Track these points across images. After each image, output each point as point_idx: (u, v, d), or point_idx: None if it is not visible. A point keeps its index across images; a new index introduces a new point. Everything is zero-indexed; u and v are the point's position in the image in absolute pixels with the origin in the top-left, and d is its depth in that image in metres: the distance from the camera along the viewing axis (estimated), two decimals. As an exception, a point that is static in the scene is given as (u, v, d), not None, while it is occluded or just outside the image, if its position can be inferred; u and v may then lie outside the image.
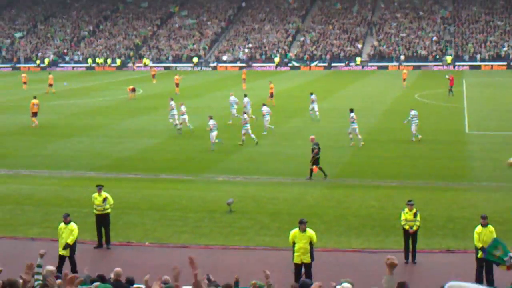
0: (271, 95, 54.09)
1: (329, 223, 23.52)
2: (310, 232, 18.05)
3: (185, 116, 41.44)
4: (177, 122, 41.71)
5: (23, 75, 71.56)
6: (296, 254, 17.99)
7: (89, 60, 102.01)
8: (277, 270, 19.53)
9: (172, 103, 42.96)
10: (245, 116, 38.65)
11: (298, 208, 25.26)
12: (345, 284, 12.68)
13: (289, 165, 32.81)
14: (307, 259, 17.94)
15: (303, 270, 18.06)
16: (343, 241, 21.83)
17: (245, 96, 46.71)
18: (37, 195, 27.99)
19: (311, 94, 47.18)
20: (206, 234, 22.84)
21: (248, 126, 37.75)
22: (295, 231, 18.14)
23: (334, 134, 40.69)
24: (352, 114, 37.31)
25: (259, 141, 37.71)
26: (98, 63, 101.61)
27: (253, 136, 37.65)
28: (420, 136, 37.96)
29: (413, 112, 38.56)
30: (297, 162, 33.31)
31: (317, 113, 46.18)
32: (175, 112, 42.33)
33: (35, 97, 46.35)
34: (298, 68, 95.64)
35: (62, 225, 19.57)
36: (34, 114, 44.97)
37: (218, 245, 21.75)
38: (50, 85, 64.92)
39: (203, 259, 20.48)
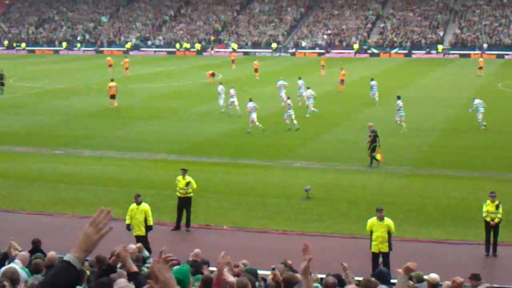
0: (342, 82, 53.84)
1: (408, 213, 23.32)
2: (388, 221, 17.97)
3: (234, 99, 42.08)
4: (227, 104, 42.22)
5: (108, 58, 73.07)
6: (373, 243, 17.95)
7: (177, 45, 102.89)
8: (355, 258, 19.54)
9: (221, 87, 44.74)
10: (289, 101, 38.80)
11: (377, 196, 25.09)
12: (433, 275, 12.64)
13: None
14: (385, 248, 17.88)
15: (380, 259, 18.00)
16: (422, 232, 21.62)
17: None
18: (119, 176, 28.70)
19: (372, 80, 48.26)
20: (283, 219, 23.00)
21: (292, 112, 37.84)
22: (372, 220, 18.09)
23: (415, 122, 40.09)
24: (398, 102, 37.30)
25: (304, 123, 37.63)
26: (178, 48, 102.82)
27: (295, 122, 37.82)
28: (484, 124, 37.23)
29: (476, 101, 38.16)
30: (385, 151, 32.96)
31: (376, 98, 46.85)
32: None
33: (112, 80, 47.67)
34: (377, 55, 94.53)
35: (133, 205, 20.01)
36: (112, 97, 46.26)
37: (295, 231, 21.87)
38: (126, 68, 66.53)
39: (280, 245, 20.70)
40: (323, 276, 14.55)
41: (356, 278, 14.22)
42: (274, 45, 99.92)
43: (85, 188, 26.92)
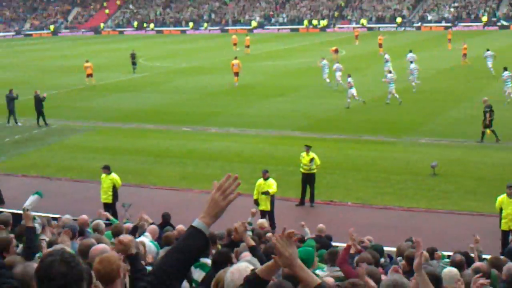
0: (464, 56, 52.24)
1: (539, 190, 22.48)
2: (519, 198, 17.44)
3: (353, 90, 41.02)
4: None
5: (233, 36, 74.05)
6: (503, 220, 17.51)
7: (305, 22, 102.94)
8: (483, 236, 19.05)
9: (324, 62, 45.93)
10: (350, 79, 38.24)
11: (507, 173, 24.31)
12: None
13: (497, 129, 31.48)
14: (515, 226, 17.39)
15: (511, 237, 17.52)
16: (555, 210, 20.80)
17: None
18: (245, 152, 29.21)
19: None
20: (408, 196, 22.75)
21: (354, 90, 37.59)
22: (502, 197, 17.62)
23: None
24: (505, 73, 37.26)
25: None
26: (307, 25, 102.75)
27: (357, 98, 37.62)
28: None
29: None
30: (505, 125, 31.94)
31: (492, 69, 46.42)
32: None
33: (235, 58, 48.50)
34: (507, 27, 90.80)
35: (261, 181, 20.34)
36: (236, 74, 47.06)
37: (420, 208, 21.61)
38: (247, 46, 67.28)
39: (405, 222, 20.53)
40: (450, 253, 14.37)
41: (484, 256, 13.97)
42: (398, 19, 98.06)
43: (211, 164, 27.61)
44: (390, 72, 40.07)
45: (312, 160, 22.18)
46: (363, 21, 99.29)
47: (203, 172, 26.61)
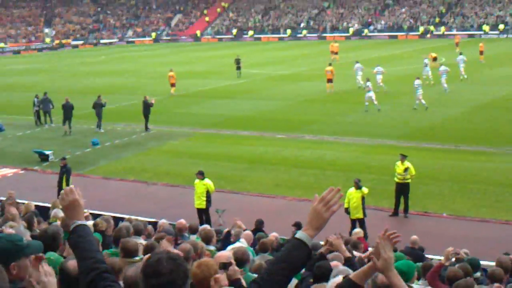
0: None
1: None
2: None
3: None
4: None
5: (332, 44, 73.67)
6: None
7: (404, 26, 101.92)
8: None
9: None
10: (368, 83, 39.76)
11: None
12: None
13: None
14: None
15: None
16: None
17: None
18: (339, 161, 29.07)
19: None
20: (506, 209, 22.07)
21: (372, 93, 39.14)
22: None
23: None
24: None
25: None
26: (402, 31, 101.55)
27: (376, 103, 38.98)
28: None
29: None
30: None
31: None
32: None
33: (330, 64, 48.49)
34: None
35: (352, 190, 20.27)
36: (329, 81, 47.18)
37: (518, 221, 20.94)
38: (335, 53, 66.88)
39: (501, 235, 19.92)
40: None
41: None
42: (501, 26, 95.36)
43: (305, 171, 27.61)
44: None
45: (407, 169, 21.86)
46: (485, 28, 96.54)
47: (296, 180, 26.65)
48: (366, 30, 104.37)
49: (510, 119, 35.66)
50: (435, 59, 57.78)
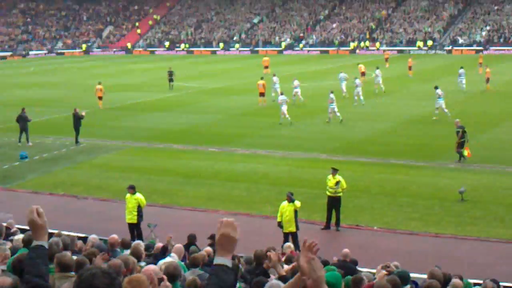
0: (487, 80, 51.71)
1: None
2: (548, 226, 17.17)
3: (298, 90, 46.35)
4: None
5: (265, 58, 73.90)
6: (532, 248, 17.21)
7: (335, 42, 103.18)
8: (511, 263, 18.85)
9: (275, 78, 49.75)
10: (332, 95, 40.31)
11: (537, 200, 24.01)
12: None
13: None
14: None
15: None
16: None
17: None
18: (271, 174, 29.14)
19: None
20: (436, 222, 22.48)
21: (334, 105, 39.83)
22: (531, 225, 17.35)
23: None
24: (437, 91, 39.88)
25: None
26: (336, 44, 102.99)
27: (338, 114, 39.83)
28: None
29: None
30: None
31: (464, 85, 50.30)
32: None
33: (262, 78, 49.05)
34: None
35: (284, 203, 20.22)
36: (261, 94, 47.41)
37: (448, 234, 21.33)
38: (266, 67, 67.38)
39: (431, 248, 20.26)
40: (478, 281, 14.19)
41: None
42: (429, 42, 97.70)
43: (237, 185, 27.60)
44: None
45: (338, 183, 22.05)
46: (377, 45, 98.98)
47: (229, 193, 26.61)
48: (301, 45, 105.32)
49: (437, 133, 36.44)
50: (363, 74, 58.60)
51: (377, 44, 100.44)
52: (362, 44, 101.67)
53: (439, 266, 14.91)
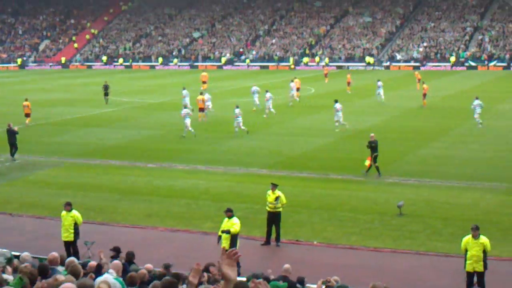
0: (424, 96, 52.63)
1: (505, 231, 22.51)
2: (483, 239, 17.36)
3: (209, 103, 47.60)
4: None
5: (203, 74, 73.48)
6: (468, 262, 17.38)
7: (275, 57, 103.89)
8: (449, 277, 19.03)
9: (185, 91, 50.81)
10: (238, 110, 41.61)
11: (473, 214, 24.38)
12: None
13: (464, 169, 31.74)
14: (479, 268, 17.27)
15: (475, 279, 17.42)
16: (520, 251, 20.80)
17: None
18: (211, 190, 28.92)
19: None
20: (375, 236, 22.59)
21: (240, 119, 41.34)
22: (467, 238, 17.53)
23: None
24: (336, 105, 42.14)
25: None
26: (273, 61, 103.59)
27: (243, 128, 41.41)
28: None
29: (476, 102, 43.02)
30: (472, 166, 32.22)
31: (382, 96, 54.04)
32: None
33: (201, 93, 48.82)
34: (475, 68, 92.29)
35: (225, 219, 19.99)
36: (201, 110, 47.32)
37: (387, 248, 21.44)
38: (204, 82, 67.35)
39: (371, 262, 20.33)
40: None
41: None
42: (368, 58, 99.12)
43: (177, 201, 27.27)
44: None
45: (277, 198, 21.94)
46: (326, 60, 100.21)
47: (168, 210, 26.24)
48: (247, 60, 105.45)
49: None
50: (298, 89, 58.81)
51: (317, 59, 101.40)
52: (307, 60, 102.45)
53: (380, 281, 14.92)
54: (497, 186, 28.59)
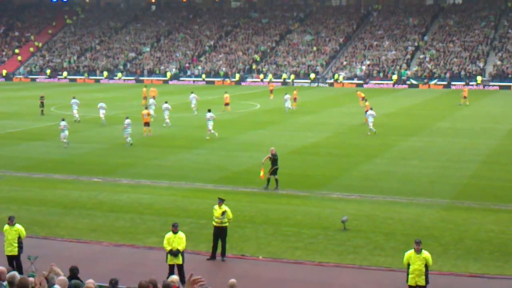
0: (366, 113, 53.36)
1: (445, 246, 23.02)
2: (425, 253, 17.75)
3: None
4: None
5: (144, 89, 72.69)
6: (410, 276, 17.72)
7: (221, 72, 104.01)
8: (391, 291, 19.34)
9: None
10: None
11: (414, 229, 24.87)
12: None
13: (406, 185, 32.37)
14: (421, 282, 17.63)
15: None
16: (460, 265, 21.29)
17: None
18: (156, 205, 28.83)
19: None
20: (319, 251, 22.83)
21: (130, 129, 43.31)
22: (410, 252, 17.88)
23: (454, 154, 39.92)
24: (207, 114, 45.83)
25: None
26: (222, 75, 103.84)
27: (129, 139, 43.35)
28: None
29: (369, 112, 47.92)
30: (414, 181, 32.87)
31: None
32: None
33: (146, 108, 48.75)
34: (416, 86, 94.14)
35: (170, 234, 19.89)
36: (146, 124, 47.12)
37: (331, 263, 21.69)
38: (150, 97, 66.88)
39: (315, 277, 20.55)
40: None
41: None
42: (312, 75, 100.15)
43: (121, 216, 27.09)
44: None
45: (224, 213, 22.02)
46: (270, 76, 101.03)
47: (113, 224, 26.05)
48: (202, 73, 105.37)
49: (319, 164, 37.29)
50: (227, 104, 59.00)
51: (261, 76, 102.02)
52: (247, 75, 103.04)
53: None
54: (438, 201, 29.21)
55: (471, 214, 27.33)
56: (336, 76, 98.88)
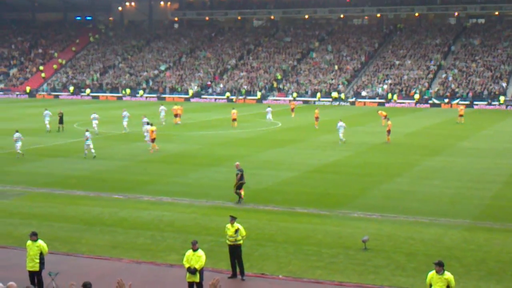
0: (388, 132, 53.05)
1: (468, 267, 22.79)
2: (448, 275, 17.57)
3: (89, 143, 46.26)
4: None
5: (175, 107, 73.02)
6: (431, 297, 17.54)
7: (242, 91, 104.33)
8: (412, 312, 19.16)
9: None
10: (87, 133, 45.83)
11: (436, 249, 24.67)
12: None
13: (427, 205, 32.15)
14: (444, 303, 17.44)
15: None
16: (483, 286, 21.06)
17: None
18: (177, 222, 28.87)
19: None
20: (340, 270, 22.71)
21: (90, 142, 45.22)
22: (432, 273, 17.71)
23: (476, 174, 39.61)
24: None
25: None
26: (243, 93, 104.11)
27: (93, 151, 45.15)
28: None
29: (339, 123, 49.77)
30: (435, 201, 32.64)
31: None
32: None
33: (152, 124, 49.61)
34: (438, 105, 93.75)
35: (190, 252, 19.84)
36: (153, 140, 47.86)
37: (352, 283, 21.55)
38: (176, 115, 67.35)
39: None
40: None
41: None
42: (334, 94, 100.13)
43: (142, 233, 27.15)
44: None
45: (237, 231, 21.91)
46: (294, 94, 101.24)
47: (133, 241, 26.11)
48: (222, 96, 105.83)
49: (339, 183, 37.16)
50: (234, 120, 59.00)
51: (283, 94, 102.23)
52: (269, 93, 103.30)
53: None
54: (460, 222, 28.97)
55: (493, 235, 27.07)
56: (353, 95, 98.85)
